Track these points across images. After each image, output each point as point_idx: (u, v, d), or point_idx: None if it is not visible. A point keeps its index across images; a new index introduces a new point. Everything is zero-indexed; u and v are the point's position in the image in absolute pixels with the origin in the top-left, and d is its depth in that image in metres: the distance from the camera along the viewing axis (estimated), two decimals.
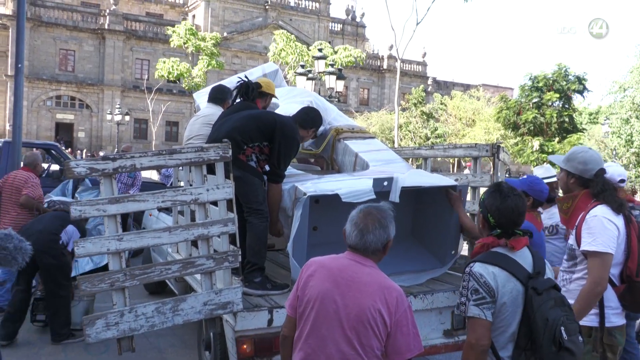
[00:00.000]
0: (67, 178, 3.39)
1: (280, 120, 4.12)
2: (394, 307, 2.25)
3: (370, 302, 2.23)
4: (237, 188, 3.97)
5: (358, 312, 2.23)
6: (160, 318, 3.32)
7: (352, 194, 3.72)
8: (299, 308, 2.37)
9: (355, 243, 2.33)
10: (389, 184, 3.81)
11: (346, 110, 43.73)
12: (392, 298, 2.26)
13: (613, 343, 2.96)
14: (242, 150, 3.97)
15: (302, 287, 2.38)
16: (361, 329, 2.22)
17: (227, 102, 4.96)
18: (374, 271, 2.33)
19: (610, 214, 2.92)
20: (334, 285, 2.29)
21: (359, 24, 55.58)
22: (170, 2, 49.72)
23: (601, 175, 3.03)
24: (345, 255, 2.38)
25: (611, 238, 2.86)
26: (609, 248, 2.85)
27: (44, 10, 41.11)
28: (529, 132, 29.24)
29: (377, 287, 2.27)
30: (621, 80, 27.22)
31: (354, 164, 4.93)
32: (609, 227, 2.87)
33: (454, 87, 52.81)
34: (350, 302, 2.24)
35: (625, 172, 3.88)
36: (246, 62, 44.46)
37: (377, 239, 2.31)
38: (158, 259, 6.01)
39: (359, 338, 2.22)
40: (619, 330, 3.01)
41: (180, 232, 3.45)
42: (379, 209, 2.37)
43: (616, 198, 2.95)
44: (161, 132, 42.43)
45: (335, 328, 2.25)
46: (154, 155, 3.43)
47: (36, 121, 40.48)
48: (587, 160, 3.07)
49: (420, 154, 5.62)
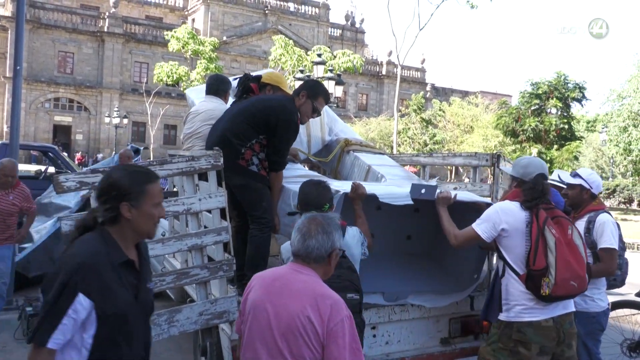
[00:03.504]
0: (57, 193, 3.34)
1: (272, 107, 3.87)
2: (327, 316, 2.08)
3: (300, 309, 2.09)
4: (240, 196, 3.89)
5: (287, 319, 2.10)
6: (155, 330, 3.27)
7: (389, 196, 3.56)
8: (242, 325, 2.32)
9: (297, 249, 2.23)
10: (427, 192, 3.61)
11: (345, 116, 43.74)
12: (325, 306, 2.10)
13: (523, 339, 3.12)
14: (241, 155, 3.80)
15: (243, 302, 2.32)
16: (291, 338, 2.09)
17: (227, 93, 4.66)
18: (310, 279, 2.19)
19: (510, 207, 3.23)
20: (266, 294, 2.20)
21: (359, 29, 55.70)
22: (170, 5, 49.78)
23: (540, 178, 3.26)
24: (287, 265, 2.30)
25: (492, 224, 3.21)
26: (480, 229, 3.25)
27: (43, 12, 41.11)
28: (528, 139, 29.25)
29: (309, 293, 2.13)
30: (619, 88, 27.31)
31: (365, 176, 4.72)
32: (493, 216, 3.23)
33: (453, 94, 52.88)
34: (281, 310, 2.13)
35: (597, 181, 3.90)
36: (245, 66, 44.47)
37: (319, 245, 2.20)
38: (155, 264, 5.96)
39: (289, 348, 2.09)
40: (530, 327, 3.11)
41: (174, 242, 3.40)
42: (324, 217, 2.31)
43: (530, 197, 3.18)
44: (159, 135, 42.36)
45: (267, 339, 2.15)
46: (144, 166, 3.39)
47: (34, 123, 40.41)
48: (527, 164, 3.35)
49: (419, 161, 5.59)
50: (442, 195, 3.59)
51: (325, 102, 4.13)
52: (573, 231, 3.20)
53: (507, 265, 3.23)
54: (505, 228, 3.19)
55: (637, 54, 26.32)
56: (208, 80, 4.80)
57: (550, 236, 3.08)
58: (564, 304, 3.21)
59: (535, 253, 3.08)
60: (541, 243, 3.08)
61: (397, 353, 3.75)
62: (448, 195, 3.59)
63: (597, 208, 3.83)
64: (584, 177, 3.86)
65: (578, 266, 3.10)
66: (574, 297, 3.21)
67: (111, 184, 2.06)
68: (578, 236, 3.22)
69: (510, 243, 3.20)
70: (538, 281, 3.06)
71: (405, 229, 4.33)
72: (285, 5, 49.31)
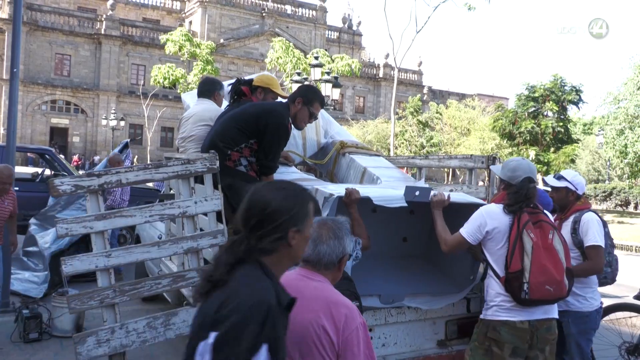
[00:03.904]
0: (53, 196, 3.34)
1: (262, 111, 3.89)
2: (342, 324, 2.01)
3: (314, 318, 2.00)
4: (231, 197, 3.89)
5: (300, 329, 2.00)
6: (152, 333, 3.27)
7: (383, 198, 3.54)
8: None
9: (307, 255, 2.12)
10: (421, 194, 3.59)
11: (342, 118, 43.81)
12: (339, 314, 2.02)
13: (497, 338, 3.18)
14: (227, 156, 3.85)
15: None
16: (305, 348, 2.00)
17: (216, 93, 4.70)
18: (321, 285, 2.11)
19: (495, 210, 3.28)
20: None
21: (356, 32, 55.79)
22: (167, 8, 49.79)
23: (526, 182, 3.28)
24: (296, 271, 2.18)
25: (476, 225, 3.28)
26: (465, 232, 3.32)
27: (40, 14, 41.07)
28: (525, 142, 29.33)
29: (323, 301, 2.05)
30: (615, 91, 27.39)
31: (360, 178, 4.72)
32: (478, 219, 3.30)
33: (450, 97, 52.99)
34: (293, 318, 2.03)
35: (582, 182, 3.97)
36: (242, 68, 44.52)
37: (331, 251, 2.14)
38: (152, 266, 5.96)
39: (302, 357, 2.00)
40: (504, 326, 3.16)
41: (170, 246, 3.40)
42: (334, 220, 2.24)
43: (513, 201, 3.22)
44: (156, 137, 42.34)
45: None
46: (140, 169, 3.40)
47: (31, 125, 40.35)
48: (515, 168, 3.39)
49: (415, 164, 5.58)
50: (436, 198, 3.59)
51: (321, 107, 4.16)
52: (554, 236, 3.23)
53: (489, 266, 3.30)
54: (489, 230, 3.25)
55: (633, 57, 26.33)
56: (198, 85, 4.90)
57: (528, 239, 3.12)
58: (545, 309, 3.22)
59: (511, 256, 3.13)
60: (518, 246, 3.13)
61: (393, 355, 3.74)
62: (442, 199, 3.59)
63: (582, 207, 3.89)
64: (569, 180, 3.91)
65: (555, 271, 3.12)
66: (552, 302, 3.23)
67: (277, 209, 1.74)
68: (559, 241, 3.24)
69: (492, 245, 3.26)
70: (514, 284, 3.11)
71: (401, 231, 4.34)
72: (283, 8, 49.37)
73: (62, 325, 5.69)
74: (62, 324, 5.69)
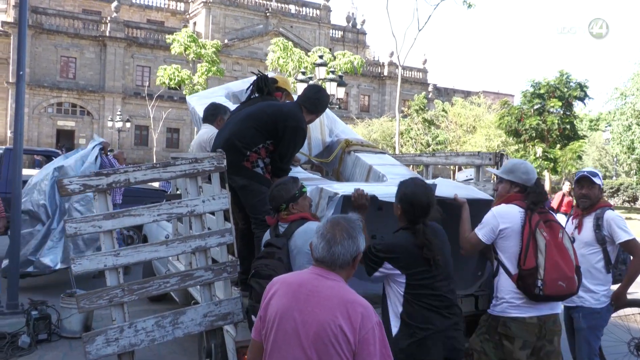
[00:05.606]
0: (62, 195, 3.36)
1: (281, 113, 3.87)
2: (359, 324, 2.01)
3: (331, 318, 2.01)
4: (243, 198, 3.87)
5: (317, 328, 2.01)
6: (160, 332, 3.29)
7: (389, 196, 3.52)
8: (262, 330, 2.20)
9: (322, 256, 2.14)
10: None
11: (347, 117, 43.78)
12: (356, 313, 2.03)
13: (507, 333, 3.32)
14: (246, 157, 3.79)
15: (265, 307, 2.20)
16: (321, 348, 2.00)
17: (219, 118, 4.80)
18: (337, 284, 2.12)
19: (507, 209, 3.38)
20: (293, 300, 2.10)
21: (360, 30, 55.72)
22: (172, 9, 49.87)
23: (540, 184, 3.51)
24: (309, 269, 2.19)
25: (490, 228, 3.38)
26: (480, 233, 3.41)
27: (45, 17, 41.23)
28: (531, 138, 29.19)
29: (339, 301, 2.06)
30: (622, 87, 27.24)
31: (366, 176, 4.73)
32: (491, 220, 3.39)
33: (455, 94, 52.82)
34: (309, 318, 2.04)
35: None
36: (247, 68, 44.52)
37: (345, 251, 2.13)
38: (159, 266, 5.98)
39: (319, 357, 2.01)
40: (514, 322, 3.30)
41: (178, 244, 3.41)
42: (347, 219, 2.22)
43: (537, 200, 3.36)
44: (162, 138, 42.43)
45: (294, 347, 2.05)
46: (147, 168, 3.40)
47: (37, 128, 40.52)
48: (529, 170, 3.52)
49: (422, 161, 5.58)
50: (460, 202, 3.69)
51: (324, 110, 4.24)
52: (564, 235, 3.37)
53: (500, 264, 3.39)
54: (502, 229, 3.36)
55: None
56: (204, 110, 5.04)
57: (541, 238, 3.25)
58: (551, 305, 3.37)
59: (525, 253, 3.25)
60: (532, 244, 3.25)
61: None
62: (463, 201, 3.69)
63: (604, 205, 4.01)
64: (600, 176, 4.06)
65: (566, 268, 3.26)
66: (564, 298, 3.37)
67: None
68: (568, 240, 3.40)
69: (505, 244, 3.37)
70: (528, 281, 3.23)
71: None
72: (287, 8, 49.36)
73: (70, 326, 5.72)
74: (71, 325, 5.72)
